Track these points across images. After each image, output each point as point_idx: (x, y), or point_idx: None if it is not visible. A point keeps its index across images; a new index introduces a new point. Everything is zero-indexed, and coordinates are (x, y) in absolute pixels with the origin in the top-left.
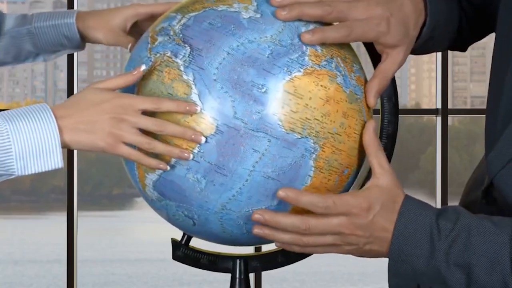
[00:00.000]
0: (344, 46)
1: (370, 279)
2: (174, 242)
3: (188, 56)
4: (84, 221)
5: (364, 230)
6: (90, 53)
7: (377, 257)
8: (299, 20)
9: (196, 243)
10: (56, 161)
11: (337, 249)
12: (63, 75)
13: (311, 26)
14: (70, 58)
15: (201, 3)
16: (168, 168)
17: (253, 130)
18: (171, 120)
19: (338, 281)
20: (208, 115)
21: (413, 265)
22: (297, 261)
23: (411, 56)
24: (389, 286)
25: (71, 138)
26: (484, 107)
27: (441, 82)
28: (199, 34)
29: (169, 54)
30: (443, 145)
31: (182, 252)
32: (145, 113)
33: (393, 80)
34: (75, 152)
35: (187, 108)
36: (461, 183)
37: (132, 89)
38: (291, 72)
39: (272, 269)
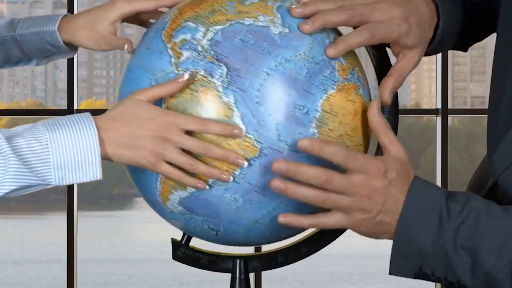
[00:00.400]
0: (355, 54)
1: (370, 279)
2: (174, 242)
3: (226, 77)
4: (84, 221)
5: (379, 194)
6: (90, 53)
7: (384, 237)
8: (320, 32)
9: (196, 243)
10: (95, 172)
11: (350, 219)
12: (63, 75)
13: (332, 37)
14: (70, 58)
15: (222, 15)
16: (207, 187)
17: (295, 151)
18: (214, 142)
19: (338, 281)
20: (252, 138)
21: (420, 245)
22: (297, 261)
23: None
24: (390, 269)
25: (113, 151)
26: (484, 107)
27: (441, 82)
28: (233, 52)
29: (202, 72)
30: (443, 145)
31: (182, 252)
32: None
33: None
34: None
35: (234, 131)
36: (461, 183)
37: (159, 105)
38: (326, 91)
39: (272, 269)
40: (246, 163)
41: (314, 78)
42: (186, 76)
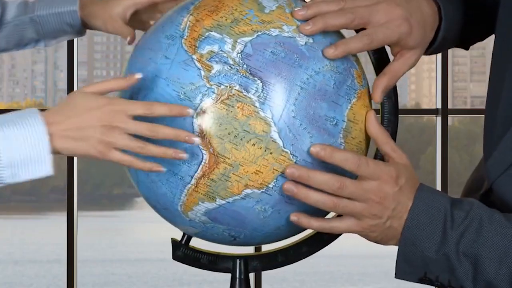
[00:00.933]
0: (358, 58)
1: (370, 279)
2: (174, 242)
3: (262, 92)
4: (84, 221)
5: (390, 200)
6: (90, 53)
7: (392, 243)
8: (335, 38)
9: (196, 243)
10: (46, 168)
11: (360, 224)
12: (63, 75)
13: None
14: (70, 58)
15: (247, 25)
16: (163, 170)
17: (325, 163)
18: (254, 156)
19: (338, 281)
20: (288, 152)
21: (424, 251)
22: (297, 261)
23: None
24: (396, 273)
25: (61, 145)
26: (484, 107)
27: (441, 82)
28: (266, 65)
29: (237, 87)
30: (443, 145)
31: (182, 252)
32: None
33: None
34: None
35: (180, 111)
36: (461, 183)
37: (190, 121)
38: (350, 100)
39: (272, 269)
40: (198, 139)
41: (340, 89)
42: (138, 76)
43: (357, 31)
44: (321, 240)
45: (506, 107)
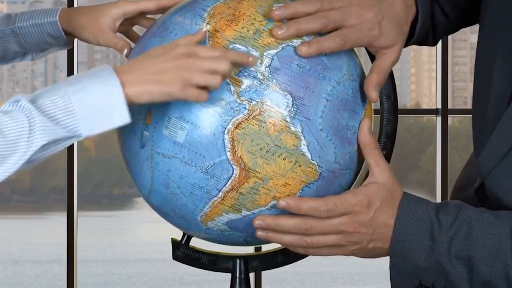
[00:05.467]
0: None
1: (370, 279)
2: (174, 242)
3: (292, 106)
4: (84, 221)
5: (366, 227)
6: (90, 53)
7: (382, 256)
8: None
9: (196, 243)
10: (123, 116)
11: (342, 250)
12: (63, 75)
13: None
14: (70, 58)
15: (270, 36)
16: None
17: (344, 169)
18: (287, 169)
19: (338, 281)
20: (315, 163)
21: (415, 261)
22: (297, 261)
23: (411, 56)
24: (392, 283)
25: (138, 89)
26: None
27: (441, 82)
28: (294, 79)
29: (269, 103)
30: (443, 145)
31: (182, 252)
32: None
33: (392, 79)
34: (75, 152)
35: (250, 60)
36: None
37: (221, 137)
38: (364, 106)
39: (272, 269)
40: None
41: (357, 97)
42: None
43: None
44: None
45: (496, 100)
